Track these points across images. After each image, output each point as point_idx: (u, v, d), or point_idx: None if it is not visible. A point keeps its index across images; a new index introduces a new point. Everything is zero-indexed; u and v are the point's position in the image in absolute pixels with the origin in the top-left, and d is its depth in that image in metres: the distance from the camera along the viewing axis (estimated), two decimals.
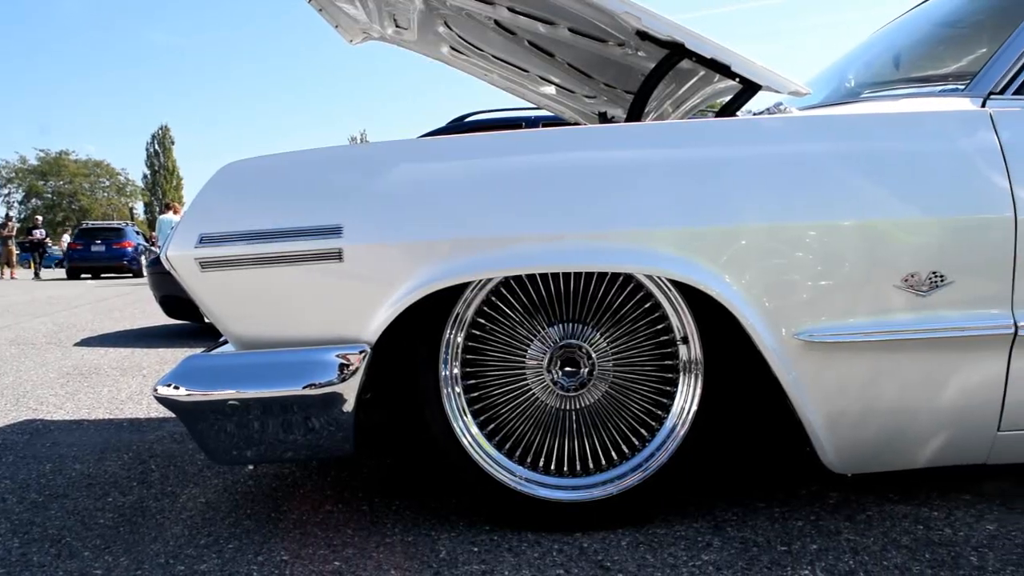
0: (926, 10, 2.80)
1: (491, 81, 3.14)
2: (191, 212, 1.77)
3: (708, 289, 1.70)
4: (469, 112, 5.53)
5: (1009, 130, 1.82)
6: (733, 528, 1.90)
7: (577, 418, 1.91)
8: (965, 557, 1.73)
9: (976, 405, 1.82)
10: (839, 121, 1.86)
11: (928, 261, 1.72)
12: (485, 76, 3.12)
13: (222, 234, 1.72)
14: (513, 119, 5.17)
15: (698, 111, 2.64)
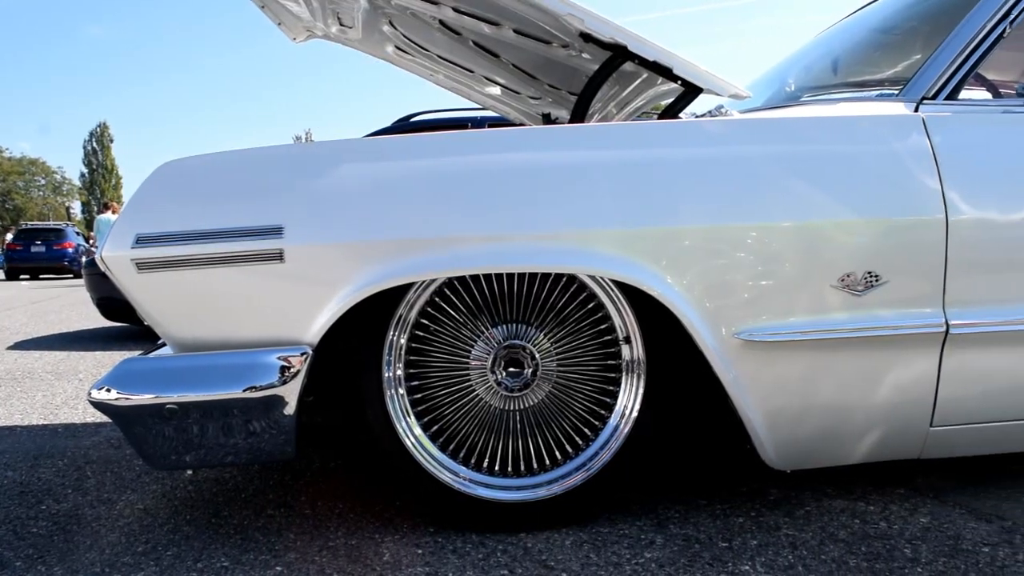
0: (863, 16, 2.87)
1: (437, 81, 3.13)
2: (127, 212, 1.73)
3: (650, 289, 1.72)
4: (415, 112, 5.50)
5: (940, 134, 1.87)
6: (676, 525, 1.92)
7: (521, 418, 1.92)
8: (899, 549, 1.77)
9: (910, 402, 1.87)
10: (778, 124, 1.89)
11: (864, 261, 1.76)
12: (431, 76, 3.11)
13: (160, 234, 1.69)
14: (459, 119, 5.17)
15: (642, 113, 2.67)
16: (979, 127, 1.93)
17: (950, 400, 1.89)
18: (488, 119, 5.01)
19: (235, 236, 1.68)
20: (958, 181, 1.82)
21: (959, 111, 1.95)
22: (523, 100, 3.02)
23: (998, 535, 1.84)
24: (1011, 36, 2.07)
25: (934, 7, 2.45)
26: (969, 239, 1.81)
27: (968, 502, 2.05)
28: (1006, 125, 1.96)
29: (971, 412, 1.93)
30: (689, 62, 2.00)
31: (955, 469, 2.28)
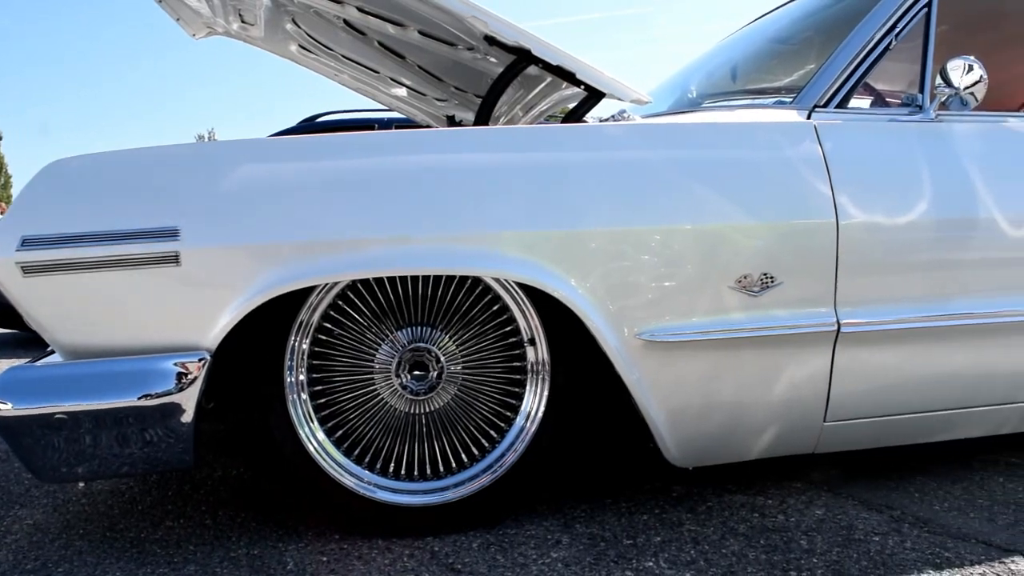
0: (761, 26, 2.96)
1: (342, 82, 3.09)
2: (12, 213, 1.65)
3: (554, 291, 1.73)
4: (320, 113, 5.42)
5: (831, 141, 1.94)
6: (582, 524, 1.94)
7: (427, 421, 1.91)
8: (796, 541, 1.83)
9: (804, 398, 1.94)
10: (677, 129, 1.94)
11: (760, 263, 1.82)
12: (336, 76, 3.07)
13: (47, 236, 1.61)
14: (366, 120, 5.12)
15: (547, 116, 2.69)
16: (867, 134, 2.02)
17: (842, 396, 1.97)
18: (395, 120, 4.98)
19: (128, 238, 1.62)
20: (847, 186, 1.89)
21: (848, 119, 2.03)
22: (429, 102, 3.01)
23: (888, 524, 1.92)
24: (897, 48, 2.17)
25: (827, 19, 2.56)
26: (858, 242, 1.89)
27: (860, 494, 2.13)
28: (892, 133, 2.05)
29: (862, 407, 2.02)
30: (592, 67, 2.03)
31: (849, 462, 2.37)
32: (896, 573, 1.67)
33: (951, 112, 2.10)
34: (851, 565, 1.71)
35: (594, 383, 1.92)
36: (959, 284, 2.03)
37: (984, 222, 2.03)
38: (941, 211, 1.98)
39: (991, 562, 1.72)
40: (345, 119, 5.22)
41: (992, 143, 2.14)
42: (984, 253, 2.05)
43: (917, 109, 2.10)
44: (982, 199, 2.03)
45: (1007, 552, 1.77)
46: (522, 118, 2.71)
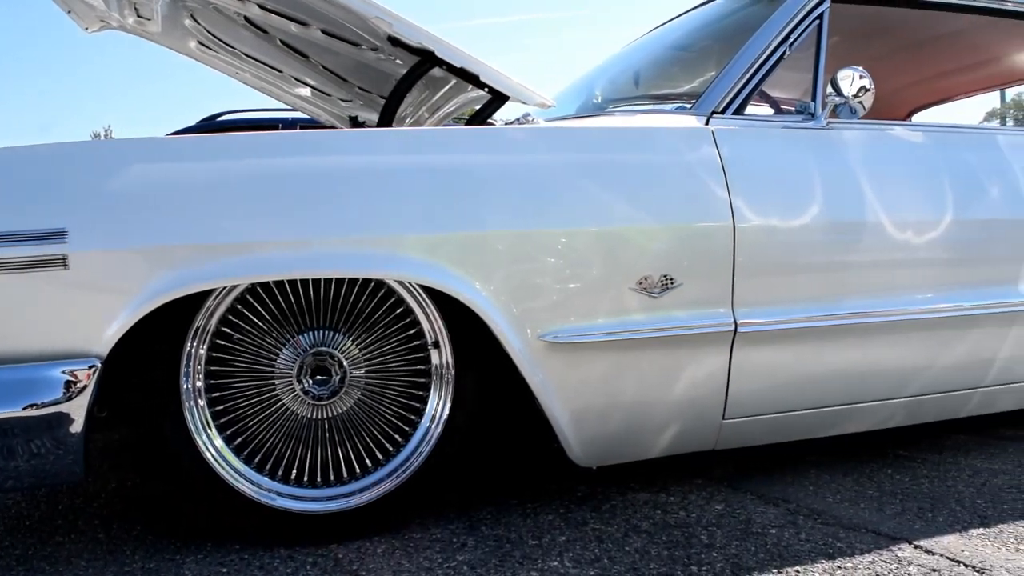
0: (662, 33, 3.03)
1: (244, 80, 3.02)
2: None
3: (457, 294, 1.73)
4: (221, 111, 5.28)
5: (728, 146, 2.00)
6: (488, 527, 1.94)
7: (330, 426, 1.88)
8: (697, 536, 1.87)
9: (704, 396, 1.99)
10: (580, 133, 1.97)
11: (660, 265, 1.86)
12: (237, 75, 2.99)
13: None
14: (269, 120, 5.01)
15: (453, 118, 2.69)
16: (762, 140, 2.09)
17: (740, 394, 2.03)
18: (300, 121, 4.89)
19: (13, 240, 1.55)
20: (744, 190, 1.95)
21: (745, 125, 2.10)
22: (334, 102, 2.97)
23: (784, 517, 1.99)
24: (791, 58, 2.25)
25: (725, 28, 2.63)
26: (754, 244, 1.95)
27: (758, 488, 2.20)
28: (785, 139, 2.13)
29: (760, 404, 2.08)
30: (496, 70, 2.04)
31: (748, 458, 2.44)
32: (791, 564, 1.73)
33: (841, 120, 2.18)
34: (749, 558, 1.76)
35: (499, 385, 1.93)
36: (849, 285, 2.12)
37: (871, 225, 2.12)
38: (832, 214, 2.07)
39: (879, 550, 1.80)
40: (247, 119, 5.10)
41: (879, 150, 2.25)
42: (872, 255, 2.15)
43: (810, 116, 2.18)
44: (870, 203, 2.12)
45: (894, 540, 1.85)
46: (428, 120, 2.70)
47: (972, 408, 2.48)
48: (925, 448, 2.59)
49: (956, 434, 2.76)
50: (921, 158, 2.30)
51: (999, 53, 3.57)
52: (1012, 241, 2.34)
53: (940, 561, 1.74)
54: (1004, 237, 2.34)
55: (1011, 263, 2.34)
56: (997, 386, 2.43)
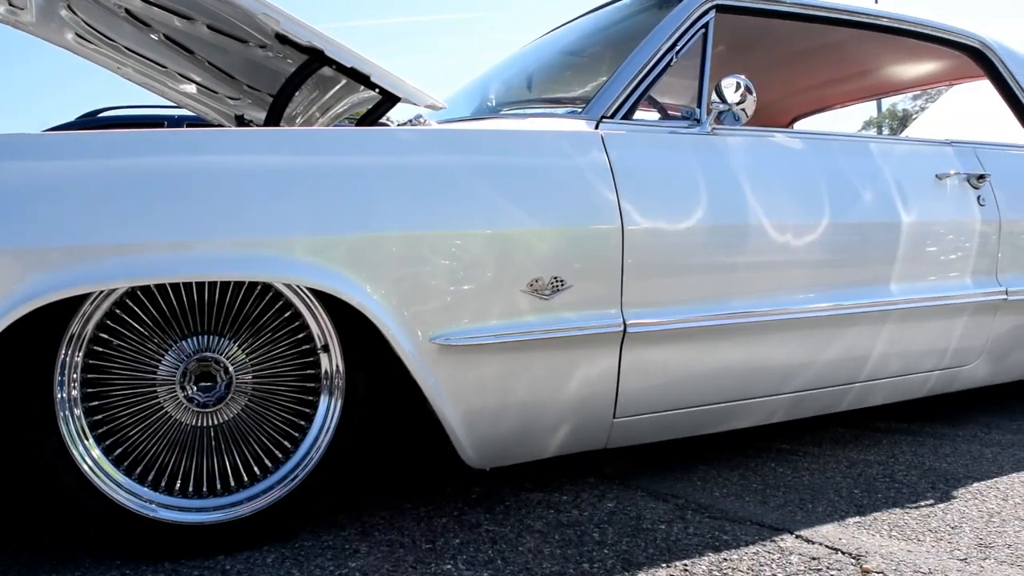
0: (555, 37, 3.07)
1: (126, 75, 2.90)
2: None
3: (347, 297, 1.71)
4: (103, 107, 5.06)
5: (617, 150, 2.04)
6: (380, 532, 1.92)
7: (217, 434, 1.82)
8: (589, 534, 1.90)
9: (595, 396, 2.02)
10: (471, 135, 1.97)
11: (550, 267, 1.88)
12: (119, 69, 2.87)
13: None
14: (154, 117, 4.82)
15: (345, 118, 2.65)
16: (650, 145, 2.14)
17: (630, 393, 2.07)
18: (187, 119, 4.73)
19: None
20: (632, 193, 1.99)
21: (633, 130, 2.14)
22: (221, 100, 2.89)
23: (673, 512, 2.04)
24: (678, 65, 2.31)
25: (615, 35, 2.68)
26: (642, 246, 1.99)
27: (648, 485, 2.25)
28: (672, 144, 2.18)
29: (649, 403, 2.13)
30: (387, 71, 2.02)
31: (638, 455, 2.49)
32: (680, 558, 1.77)
33: (725, 126, 2.25)
34: (639, 553, 1.79)
35: (391, 388, 1.91)
36: (734, 285, 2.19)
37: (755, 228, 2.20)
38: (717, 218, 2.13)
39: (763, 541, 1.86)
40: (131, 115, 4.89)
41: (761, 155, 2.33)
42: (756, 257, 2.22)
43: (695, 122, 2.25)
44: (752, 207, 2.20)
45: (777, 531, 1.92)
46: (319, 119, 2.65)
47: (849, 402, 2.60)
48: (806, 442, 2.70)
49: (834, 427, 2.88)
50: (800, 164, 2.40)
51: (875, 65, 3.76)
52: (884, 244, 2.46)
53: (819, 550, 1.81)
54: (877, 240, 2.46)
55: (883, 264, 2.47)
56: (871, 381, 2.55)
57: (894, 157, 2.61)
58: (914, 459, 2.51)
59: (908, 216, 2.49)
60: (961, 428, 2.90)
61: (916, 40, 3.02)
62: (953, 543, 1.85)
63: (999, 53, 3.11)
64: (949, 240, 2.64)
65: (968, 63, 3.22)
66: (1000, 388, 3.21)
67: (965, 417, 3.07)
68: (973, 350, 2.76)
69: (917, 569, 1.71)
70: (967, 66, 3.33)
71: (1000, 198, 2.75)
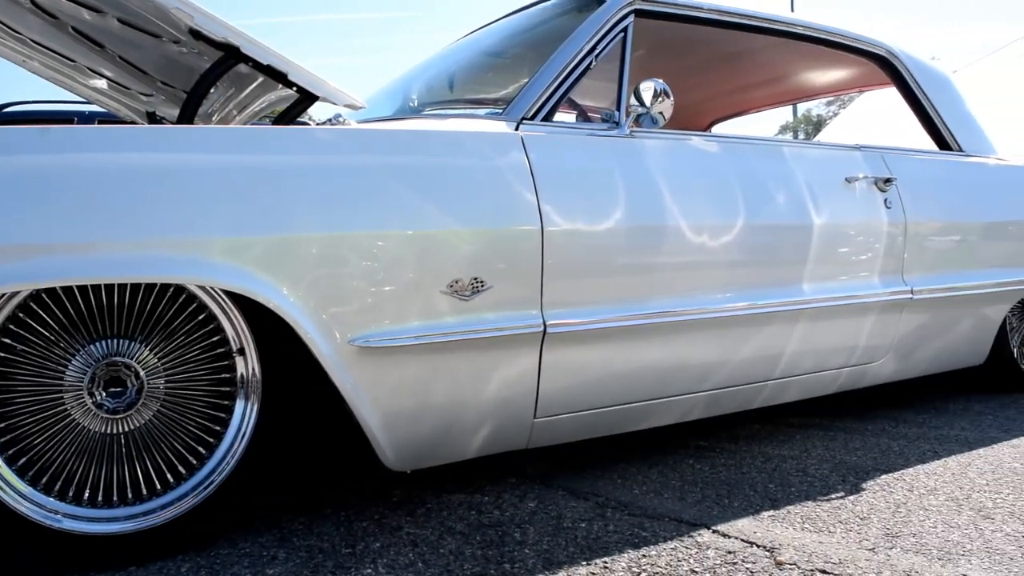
0: (477, 38, 3.07)
1: (32, 69, 2.78)
2: None
3: (263, 299, 1.68)
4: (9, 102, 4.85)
5: (537, 152, 2.05)
6: (299, 537, 1.89)
7: (128, 441, 1.77)
8: (510, 534, 1.91)
9: (515, 396, 2.02)
10: (390, 135, 1.95)
11: (470, 268, 1.88)
12: (25, 63, 2.76)
13: None
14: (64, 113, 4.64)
15: (262, 116, 2.60)
16: (569, 147, 2.16)
17: (551, 393, 2.08)
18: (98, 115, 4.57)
19: None
20: (552, 195, 2.01)
21: (553, 132, 2.16)
22: (133, 96, 2.80)
23: (593, 511, 2.06)
24: (599, 68, 2.34)
25: (536, 37, 2.70)
26: (562, 247, 2.01)
27: (569, 484, 2.27)
28: (591, 146, 2.20)
29: (570, 402, 2.15)
30: (304, 69, 1.99)
31: (560, 454, 2.51)
32: (600, 556, 1.79)
33: (644, 129, 2.29)
34: (560, 552, 1.81)
35: (310, 391, 1.88)
36: (653, 286, 2.22)
37: (672, 229, 2.24)
38: (635, 219, 2.16)
39: (681, 537, 1.90)
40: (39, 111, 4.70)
41: (678, 158, 2.37)
42: (674, 257, 2.26)
43: (614, 125, 2.28)
44: (670, 208, 2.24)
45: (695, 526, 1.96)
46: (236, 118, 2.60)
47: (764, 399, 2.67)
48: (723, 438, 2.77)
49: (750, 424, 2.96)
50: (716, 166, 2.45)
51: (790, 71, 3.87)
52: (796, 245, 2.54)
53: (735, 543, 1.86)
54: (790, 241, 2.53)
55: (796, 265, 2.54)
56: (785, 378, 2.63)
57: (806, 161, 2.69)
58: (826, 453, 2.59)
59: (819, 218, 2.57)
60: (870, 423, 3.01)
61: (828, 48, 3.13)
62: (862, 534, 1.92)
63: (905, 61, 3.23)
64: (858, 241, 2.73)
65: (876, 71, 3.34)
66: (906, 383, 3.34)
67: (874, 412, 3.18)
68: (881, 347, 2.86)
69: (828, 560, 1.76)
70: (876, 74, 3.45)
71: (906, 201, 2.86)
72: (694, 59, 3.55)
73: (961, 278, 3.04)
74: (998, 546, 1.84)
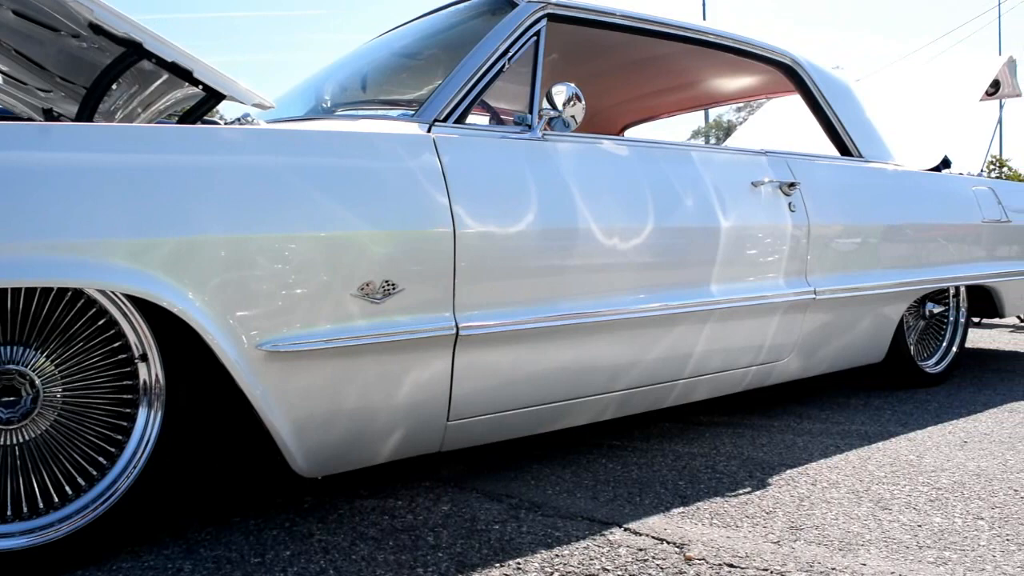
0: (391, 39, 3.05)
1: None
2: None
3: (167, 303, 1.63)
4: None
5: (449, 154, 2.05)
6: (207, 548, 1.84)
7: (23, 453, 1.70)
8: (424, 538, 1.90)
9: (428, 400, 2.02)
10: (299, 136, 1.92)
11: (382, 271, 1.86)
12: None
13: None
14: None
15: (169, 115, 2.53)
16: (482, 149, 2.16)
17: (464, 396, 2.08)
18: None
19: None
20: (464, 197, 2.01)
21: (466, 134, 2.16)
22: (31, 92, 2.68)
23: (507, 512, 2.07)
24: (514, 71, 2.35)
25: (450, 39, 2.70)
26: (474, 250, 2.01)
27: (483, 486, 2.27)
28: (504, 149, 2.21)
29: (483, 405, 2.15)
30: (210, 67, 1.94)
31: (474, 457, 2.51)
32: (513, 557, 1.80)
33: (556, 132, 2.31)
34: (473, 555, 1.81)
35: (216, 397, 1.84)
36: (565, 287, 2.25)
37: (584, 232, 2.26)
38: (547, 221, 2.18)
39: (593, 536, 1.92)
40: None
41: (590, 161, 2.40)
42: (585, 259, 2.29)
43: (527, 128, 2.29)
44: (582, 211, 2.26)
45: (607, 525, 1.98)
46: (141, 115, 2.52)
47: (675, 398, 2.72)
48: (636, 437, 2.81)
49: (662, 423, 3.01)
50: (627, 170, 2.49)
51: (700, 77, 3.97)
52: (705, 247, 2.60)
53: (646, 541, 1.89)
54: (699, 243, 2.59)
55: (705, 267, 2.60)
56: (695, 377, 2.69)
57: (714, 165, 2.76)
58: (734, 450, 2.66)
59: (727, 221, 2.64)
60: (776, 419, 3.10)
61: (736, 56, 3.21)
62: (768, 527, 1.97)
63: (808, 70, 3.35)
64: (764, 244, 2.81)
65: (782, 78, 3.45)
66: (811, 380, 3.46)
67: (780, 409, 3.28)
68: (786, 346, 2.96)
69: (735, 554, 1.81)
70: (781, 81, 3.56)
71: (809, 205, 2.96)
72: (607, 64, 3.60)
73: (861, 279, 3.16)
74: (895, 535, 1.92)
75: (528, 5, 2.41)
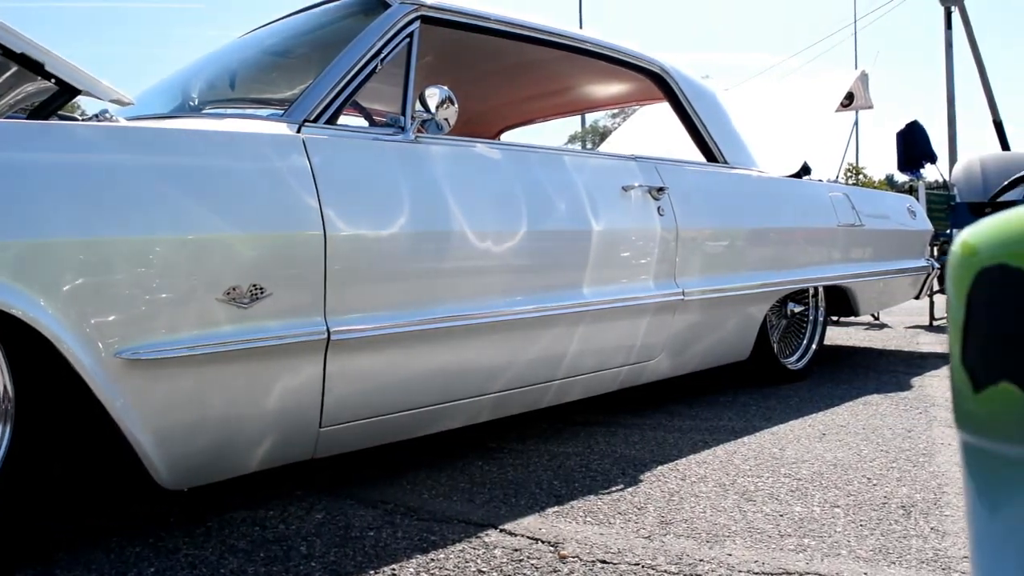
0: (261, 36, 2.97)
1: None
2: None
3: (16, 311, 1.53)
4: None
5: (320, 155, 2.01)
6: (63, 568, 1.74)
7: None
8: (296, 548, 1.85)
9: (299, 406, 1.97)
10: (161, 135, 1.85)
11: (249, 275, 1.81)
12: None
13: None
14: None
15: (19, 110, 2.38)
16: (353, 151, 2.13)
17: (336, 401, 2.05)
18: None
19: None
20: (334, 199, 1.98)
21: (337, 135, 2.13)
22: None
23: (382, 518, 2.04)
24: (386, 72, 2.33)
25: (322, 37, 2.66)
26: (345, 253, 1.98)
27: (358, 492, 2.24)
28: (376, 151, 2.19)
29: (357, 410, 2.12)
30: (64, 60, 1.85)
31: (348, 463, 2.48)
32: (388, 563, 1.78)
33: (429, 135, 2.30)
34: (347, 563, 1.78)
35: (72, 408, 1.74)
36: (438, 291, 2.25)
37: (457, 235, 2.27)
38: (420, 224, 2.17)
39: (469, 538, 1.92)
40: None
41: (463, 164, 2.41)
42: (459, 263, 2.30)
43: (400, 130, 2.27)
44: (455, 214, 2.27)
45: (483, 527, 1.99)
46: None
47: (550, 399, 2.76)
48: (512, 439, 2.84)
49: (538, 423, 3.05)
50: (501, 174, 2.51)
51: (575, 83, 4.04)
52: (577, 250, 2.65)
53: (521, 541, 1.91)
54: (571, 246, 2.64)
55: (577, 269, 2.65)
56: (569, 378, 2.73)
57: (587, 170, 2.82)
58: (607, 448, 2.72)
59: (599, 225, 2.70)
60: (648, 418, 3.19)
61: (609, 63, 3.29)
62: (639, 523, 2.03)
63: (677, 78, 3.46)
64: (635, 247, 2.89)
65: (652, 86, 3.56)
66: (681, 379, 3.57)
67: (652, 407, 3.38)
68: (657, 346, 3.05)
69: (608, 550, 1.85)
70: (652, 89, 3.67)
71: (677, 209, 3.06)
72: (483, 68, 3.63)
73: (727, 280, 3.30)
74: (758, 526, 2.00)
75: (401, 6, 2.40)
